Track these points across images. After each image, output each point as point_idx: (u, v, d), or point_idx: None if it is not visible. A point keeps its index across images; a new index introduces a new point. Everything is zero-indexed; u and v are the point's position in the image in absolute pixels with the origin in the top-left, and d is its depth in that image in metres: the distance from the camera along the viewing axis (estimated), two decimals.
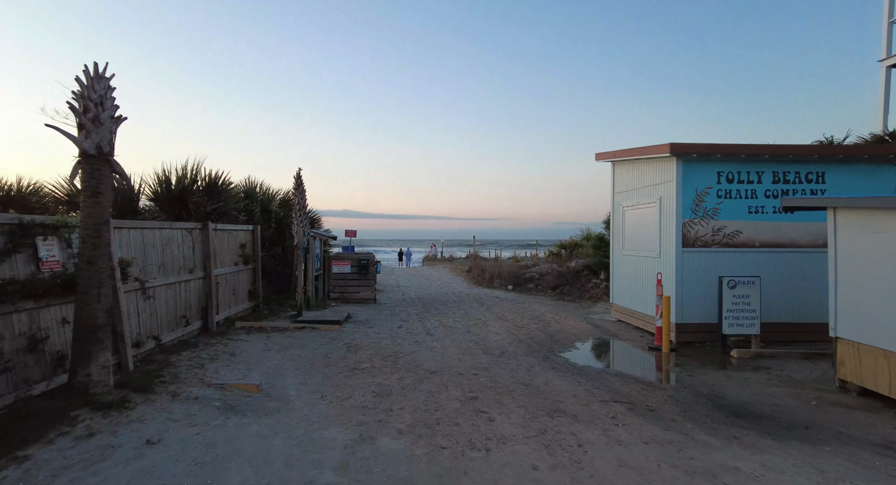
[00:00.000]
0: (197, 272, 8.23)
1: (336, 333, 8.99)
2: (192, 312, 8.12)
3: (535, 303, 13.68)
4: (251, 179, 15.47)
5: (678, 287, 8.41)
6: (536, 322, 10.55)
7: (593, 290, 14.70)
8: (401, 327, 9.74)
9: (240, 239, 10.22)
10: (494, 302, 13.74)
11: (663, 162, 8.87)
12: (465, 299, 14.31)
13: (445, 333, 9.28)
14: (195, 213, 8.42)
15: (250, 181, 15.40)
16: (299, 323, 9.53)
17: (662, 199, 8.93)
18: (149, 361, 6.34)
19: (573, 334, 9.33)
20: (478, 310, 12.27)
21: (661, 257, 8.96)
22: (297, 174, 13.38)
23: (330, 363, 6.98)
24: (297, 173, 13.39)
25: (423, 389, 5.82)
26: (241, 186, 15.27)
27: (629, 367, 7.30)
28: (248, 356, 7.20)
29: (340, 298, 13.17)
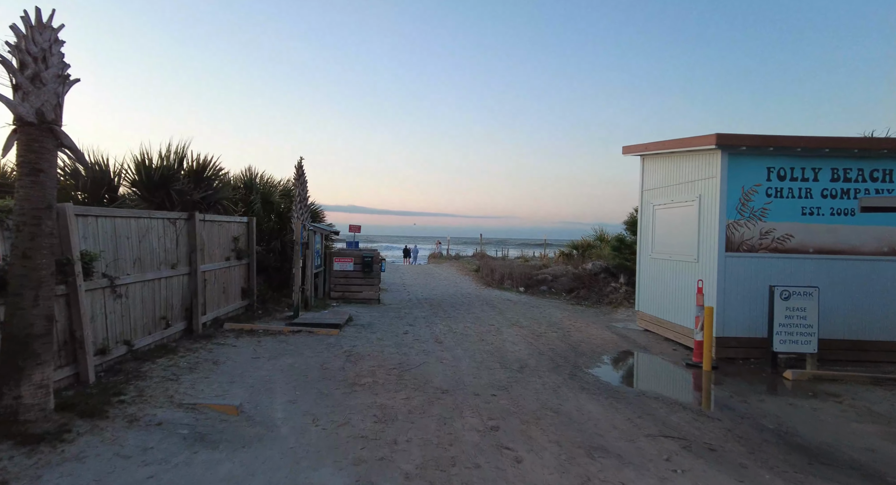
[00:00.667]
0: (181, 268, 7.35)
1: (335, 339, 8.10)
2: (174, 312, 7.24)
3: (550, 307, 12.75)
4: (252, 170, 14.62)
5: (720, 296, 7.46)
6: (555, 330, 9.62)
7: (612, 294, 13.75)
8: (407, 333, 8.83)
9: (232, 232, 9.34)
10: (507, 305, 12.82)
11: (705, 156, 7.91)
12: (474, 302, 13.39)
13: (456, 340, 8.37)
14: (180, 201, 7.54)
15: (251, 172, 14.54)
16: (295, 326, 8.65)
17: (702, 197, 7.98)
18: (115, 371, 5.47)
19: (598, 346, 8.39)
20: (490, 314, 11.35)
21: (699, 262, 8.01)
22: (298, 163, 12.50)
23: (326, 376, 6.09)
24: (299, 163, 12.51)
25: (433, 413, 4.91)
26: (241, 177, 14.42)
27: (669, 388, 6.37)
28: (232, 365, 6.31)
29: (342, 297, 12.28)
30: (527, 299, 14.23)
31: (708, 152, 7.79)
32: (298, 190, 12.05)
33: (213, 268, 8.41)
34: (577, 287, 15.10)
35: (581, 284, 15.12)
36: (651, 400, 5.61)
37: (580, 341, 8.66)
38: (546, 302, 13.78)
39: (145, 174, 7.14)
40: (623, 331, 9.79)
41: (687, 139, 8.10)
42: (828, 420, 5.04)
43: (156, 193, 7.23)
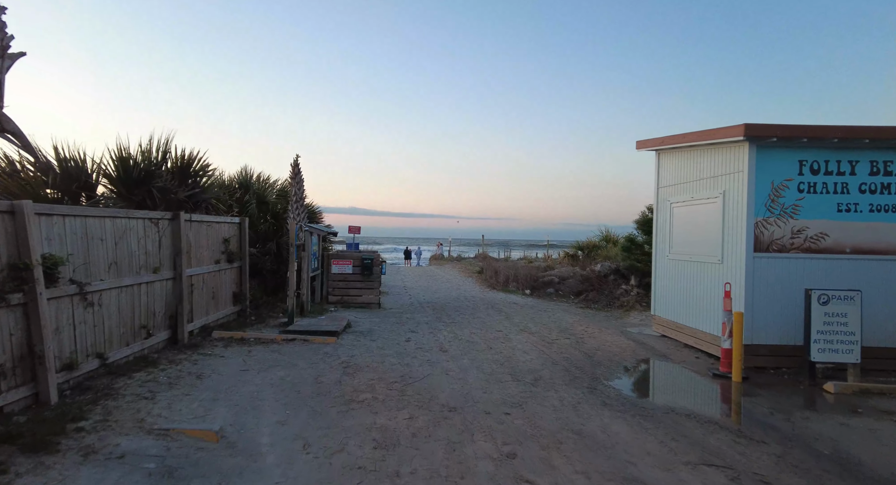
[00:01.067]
0: (164, 272, 6.78)
1: (332, 348, 7.52)
2: (157, 320, 6.67)
3: (558, 311, 12.16)
4: (248, 169, 14.05)
5: (748, 300, 6.87)
6: (567, 336, 9.03)
7: (623, 297, 13.15)
8: (409, 341, 8.24)
9: (223, 233, 8.76)
10: (513, 309, 12.23)
11: (730, 149, 7.32)
12: (479, 305, 12.80)
13: (462, 349, 7.78)
14: (163, 200, 6.96)
15: (246, 171, 13.99)
16: (289, 334, 8.06)
17: (727, 193, 7.39)
18: (84, 389, 4.89)
19: (615, 354, 7.80)
20: (496, 319, 10.76)
21: (723, 264, 7.42)
22: (294, 161, 11.94)
23: (321, 391, 5.51)
24: (295, 160, 11.94)
25: (440, 436, 4.33)
26: (236, 177, 13.87)
27: (700, 403, 5.79)
28: (218, 380, 5.73)
29: (340, 301, 11.70)
30: (533, 303, 13.64)
31: (733, 145, 7.21)
32: (294, 189, 11.49)
33: (201, 272, 7.84)
34: (585, 290, 14.51)
35: (590, 287, 14.53)
36: (683, 418, 5.02)
37: (595, 349, 8.07)
38: (554, 305, 13.19)
39: (123, 170, 6.57)
40: (639, 337, 9.19)
41: (710, 131, 7.51)
42: (892, 444, 4.45)
43: (136, 191, 6.66)
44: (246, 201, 13.09)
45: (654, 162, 9.81)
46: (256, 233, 12.32)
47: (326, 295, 11.69)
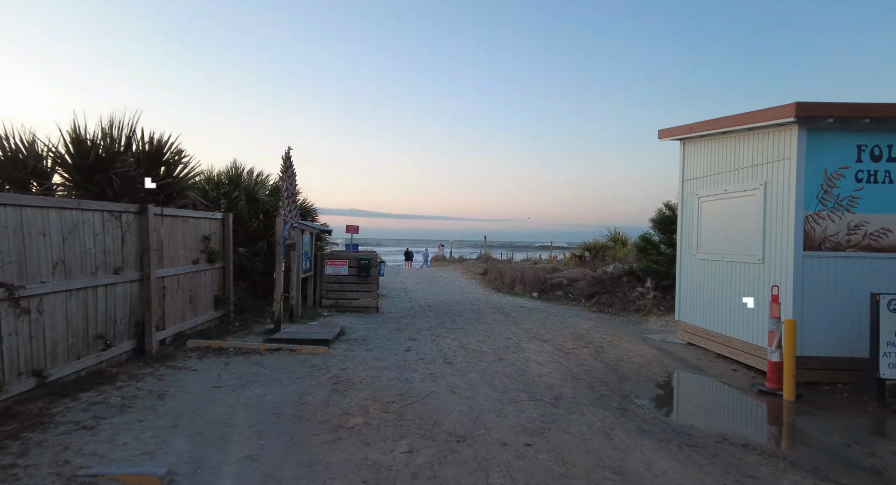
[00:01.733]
0: (127, 273, 5.91)
1: (321, 359, 6.64)
2: (118, 328, 5.79)
3: (570, 316, 11.27)
4: (238, 164, 13.21)
5: (797, 306, 5.99)
6: (585, 345, 8.14)
7: (639, 300, 12.26)
8: (409, 351, 7.35)
9: (202, 230, 7.89)
10: (521, 313, 11.34)
11: (775, 133, 6.45)
12: (484, 309, 11.91)
13: (469, 360, 6.89)
14: (128, 190, 6.10)
15: (236, 166, 13.15)
16: (274, 342, 7.19)
17: (769, 184, 6.52)
18: (10, 416, 4.01)
19: (641, 366, 6.91)
20: (504, 324, 9.87)
21: (764, 264, 6.54)
22: (285, 154, 11.10)
23: (304, 414, 4.63)
24: (286, 153, 11.11)
25: (447, 477, 3.45)
26: (226, 172, 13.04)
27: (754, 429, 4.90)
28: (183, 400, 4.86)
29: (335, 305, 10.82)
30: (542, 306, 12.74)
31: (779, 129, 6.33)
32: (286, 184, 10.66)
33: (176, 273, 6.97)
34: (597, 292, 13.62)
35: (602, 289, 13.63)
36: (740, 450, 4.13)
37: (618, 360, 7.18)
38: (565, 310, 12.29)
39: (78, 154, 5.71)
40: (663, 345, 8.30)
41: (750, 114, 6.64)
42: None
43: (93, 179, 5.79)
44: (235, 197, 12.24)
45: (678, 153, 8.94)
46: (246, 231, 11.47)
47: (320, 298, 10.81)
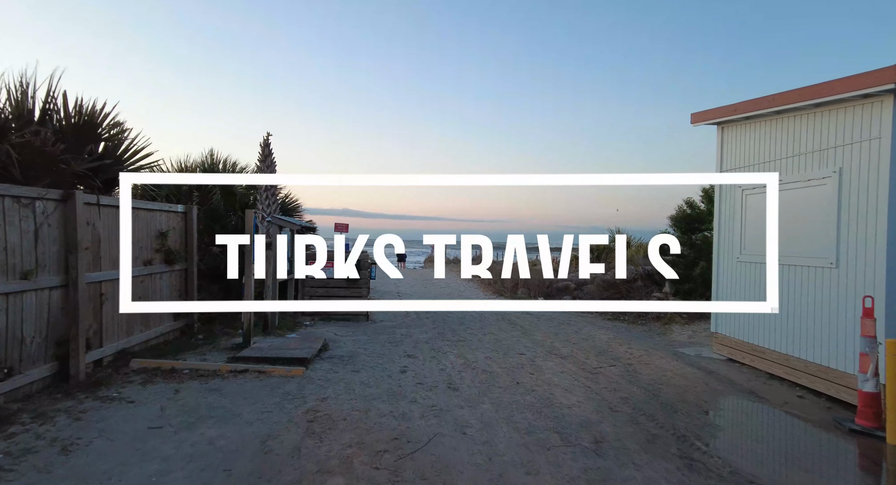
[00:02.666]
0: (43, 277, 4.60)
1: (296, 385, 5.36)
2: (28, 350, 4.48)
3: (584, 324, 10.07)
4: (215, 154, 11.90)
5: (890, 321, 4.82)
6: (611, 362, 6.93)
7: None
8: (405, 372, 6.08)
9: (158, 224, 6.60)
10: (529, 322, 10.12)
11: (857, 108, 5.27)
12: (488, 316, 10.67)
13: (479, 384, 5.64)
14: (49, 172, 4.79)
15: (212, 156, 11.83)
16: (240, 362, 5.90)
17: (846, 171, 5.35)
18: None
19: (685, 390, 5.70)
20: (512, 335, 8.64)
21: (839, 268, 5.37)
22: (264, 140, 9.82)
23: (265, 472, 3.37)
24: (265, 139, 9.82)
25: None
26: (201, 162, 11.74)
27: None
28: (98, 454, 3.56)
29: (319, 312, 9.53)
30: (550, 313, 11.54)
31: (863, 102, 5.16)
32: (264, 173, 9.37)
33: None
34: (609, 297, 12.44)
35: (614, 294, 12.47)
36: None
37: (655, 382, 5.97)
38: (576, 317, 11.09)
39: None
40: (700, 362, 7.11)
41: (822, 86, 5.46)
42: None
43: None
44: (209, 190, 10.94)
45: (715, 140, 7.77)
46: (223, 228, 10.17)
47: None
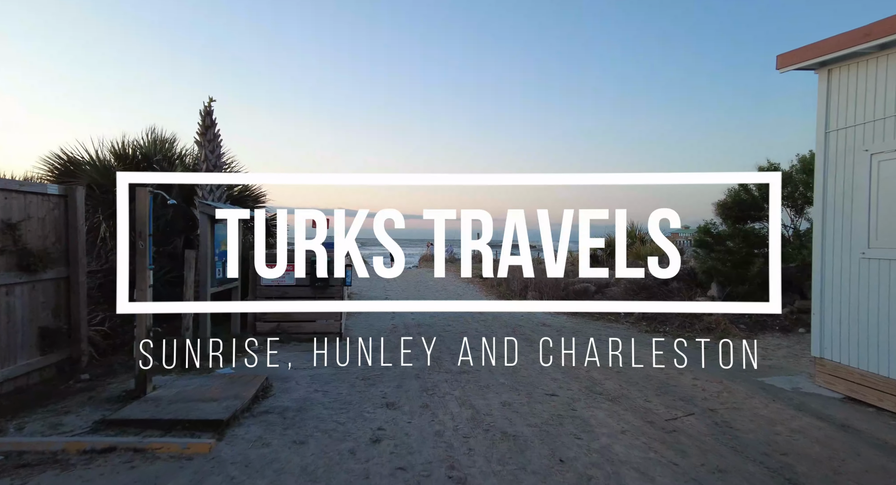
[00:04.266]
0: None
1: (189, 479, 3.12)
2: None
3: (620, 339, 7.88)
4: (157, 133, 9.60)
5: None
6: (684, 405, 4.73)
7: (705, 316, 8.92)
8: (379, 441, 3.81)
9: (8, 212, 4.34)
10: (550, 337, 7.90)
11: None
12: (496, 329, 8.48)
13: (502, 465, 3.40)
14: None
15: (154, 136, 9.53)
16: (112, 428, 3.67)
17: None
18: None
19: (819, 461, 3.50)
20: (532, 359, 6.46)
21: None
22: (205, 107, 7.63)
23: None
24: (206, 107, 7.63)
25: None
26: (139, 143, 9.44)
27: None
28: None
29: (276, 331, 7.27)
30: (571, 324, 9.36)
31: None
32: (204, 151, 7.23)
33: None
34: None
35: (646, 298, 10.29)
36: None
37: (773, 449, 3.77)
38: (604, 329, 8.91)
39: None
40: (810, 402, 4.93)
41: None
42: None
43: None
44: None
45: (816, 88, 5.58)
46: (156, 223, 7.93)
47: (252, 322, 7.24)
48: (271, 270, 6.81)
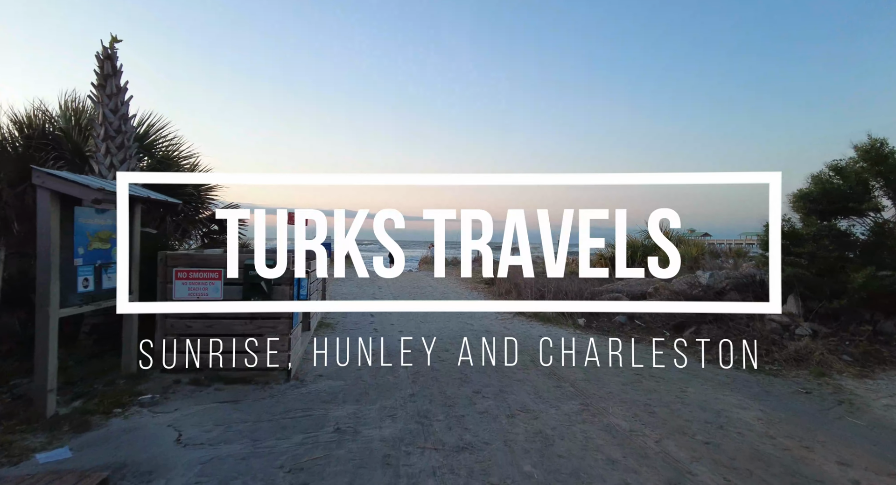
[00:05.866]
0: None
1: None
2: None
3: (681, 377, 5.70)
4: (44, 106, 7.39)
5: None
6: None
7: (789, 342, 6.70)
8: None
9: None
10: (587, 373, 5.74)
11: None
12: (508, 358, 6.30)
13: None
14: None
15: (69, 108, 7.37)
16: None
17: None
18: None
19: None
20: (568, 415, 4.28)
21: None
22: (104, 50, 5.49)
23: None
24: (106, 49, 5.49)
25: None
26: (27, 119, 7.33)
27: None
28: None
29: (201, 366, 5.08)
30: (604, 347, 7.15)
31: None
32: (102, 109, 5.13)
33: None
34: (689, 320, 8.06)
35: (697, 317, 8.07)
36: None
37: None
38: (647, 355, 6.71)
39: None
40: None
41: None
42: None
43: None
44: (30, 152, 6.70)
45: None
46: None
47: (161, 351, 5.03)
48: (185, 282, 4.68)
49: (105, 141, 5.31)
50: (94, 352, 5.05)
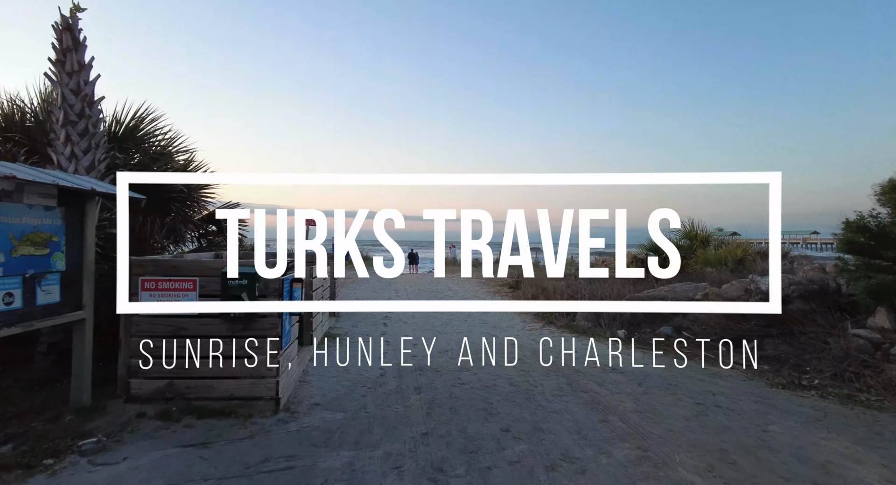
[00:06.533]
0: None
1: None
2: None
3: (759, 410, 4.63)
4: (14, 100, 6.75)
5: None
6: None
7: (881, 365, 5.53)
8: None
9: None
10: (636, 402, 4.73)
11: None
12: (547, 392, 5.31)
13: None
14: None
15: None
16: None
17: None
18: None
19: None
20: (619, 467, 3.28)
21: None
22: (62, 21, 4.70)
23: None
24: (66, 19, 4.69)
25: None
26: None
27: None
28: None
29: (168, 393, 4.25)
30: (661, 373, 6.07)
31: None
32: (62, 89, 4.31)
33: None
34: (751, 333, 6.93)
35: (764, 326, 6.94)
36: None
37: None
38: (711, 383, 5.63)
39: None
40: None
41: None
42: None
43: None
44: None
45: None
46: None
47: (125, 377, 4.20)
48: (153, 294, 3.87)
49: (65, 127, 4.55)
50: (50, 376, 4.29)
